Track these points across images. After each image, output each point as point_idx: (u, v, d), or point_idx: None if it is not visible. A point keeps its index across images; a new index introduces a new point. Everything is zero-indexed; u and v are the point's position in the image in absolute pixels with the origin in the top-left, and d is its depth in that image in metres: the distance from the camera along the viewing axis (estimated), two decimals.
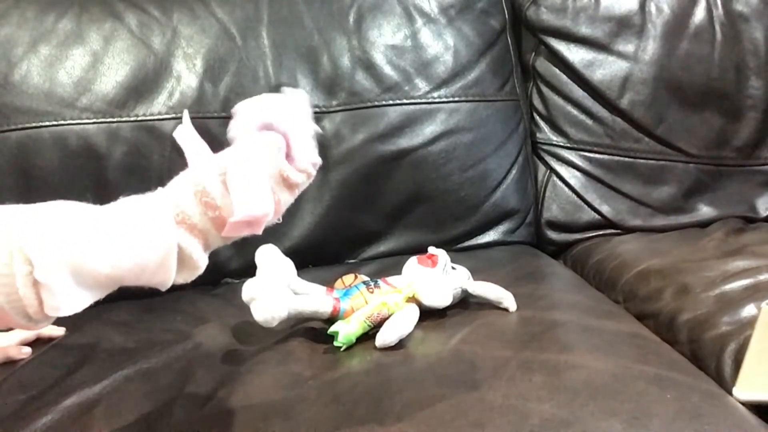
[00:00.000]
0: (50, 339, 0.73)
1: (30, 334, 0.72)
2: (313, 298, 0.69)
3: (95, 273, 0.40)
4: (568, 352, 0.63)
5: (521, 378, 0.58)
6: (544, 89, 1.12)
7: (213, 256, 0.47)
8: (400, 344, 0.66)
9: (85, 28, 0.93)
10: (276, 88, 0.51)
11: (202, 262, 0.45)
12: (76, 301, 0.40)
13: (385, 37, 1.01)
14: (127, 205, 0.44)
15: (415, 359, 0.64)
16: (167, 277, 0.43)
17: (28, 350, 0.70)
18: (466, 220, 1.04)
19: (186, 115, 0.49)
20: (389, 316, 0.67)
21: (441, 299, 0.72)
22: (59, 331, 0.74)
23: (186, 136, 0.48)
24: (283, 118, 0.48)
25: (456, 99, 1.02)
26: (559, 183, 1.11)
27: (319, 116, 0.98)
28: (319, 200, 0.98)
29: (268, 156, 0.46)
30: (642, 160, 1.09)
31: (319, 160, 0.50)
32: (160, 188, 0.46)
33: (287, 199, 0.48)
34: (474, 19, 1.05)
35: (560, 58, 1.09)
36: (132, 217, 0.42)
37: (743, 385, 0.60)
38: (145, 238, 0.41)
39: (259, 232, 0.46)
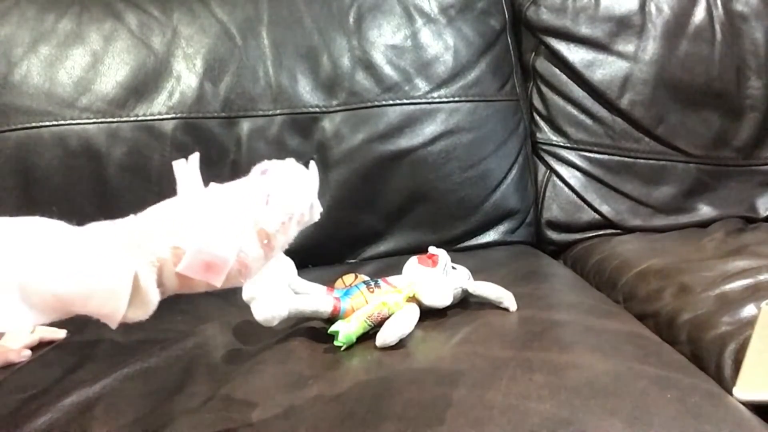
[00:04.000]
0: (51, 342, 0.73)
1: (33, 338, 0.72)
2: (313, 297, 0.69)
3: (42, 292, 0.38)
4: (569, 351, 0.63)
5: (521, 377, 0.58)
6: (544, 89, 1.12)
7: None
8: (401, 344, 0.66)
9: (85, 28, 0.93)
10: (306, 162, 0.50)
11: (154, 297, 0.41)
12: (18, 317, 0.38)
13: (385, 37, 1.01)
14: (91, 229, 0.42)
15: (416, 359, 0.64)
16: (117, 308, 0.39)
17: (27, 353, 0.70)
18: (466, 220, 1.04)
19: (195, 157, 0.46)
20: (389, 315, 0.67)
21: (441, 299, 0.72)
22: (60, 334, 0.74)
23: (184, 170, 0.45)
24: (279, 168, 0.46)
25: (456, 99, 1.02)
26: (559, 183, 1.11)
27: (319, 116, 0.98)
28: (319, 200, 0.98)
29: (248, 201, 0.44)
30: (642, 160, 1.09)
31: (306, 217, 0.47)
32: (132, 215, 0.44)
33: (258, 255, 0.44)
34: (474, 19, 1.05)
35: (560, 58, 1.09)
36: (90, 241, 0.41)
37: (743, 385, 0.59)
38: (96, 265, 0.39)
39: (218, 283, 0.42)
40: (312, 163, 0.50)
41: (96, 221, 0.44)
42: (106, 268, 0.39)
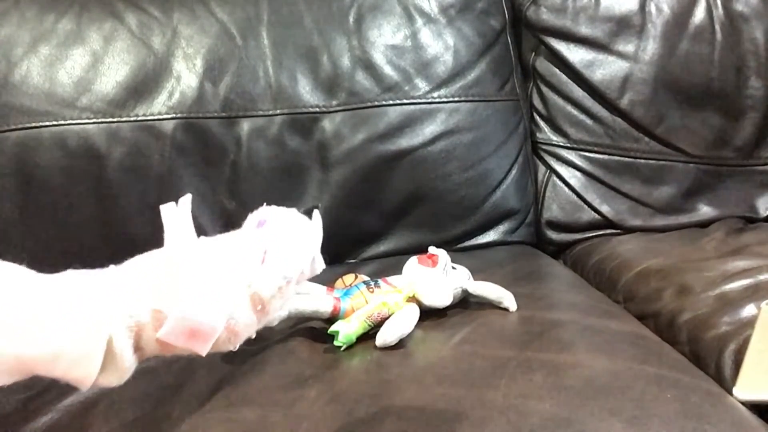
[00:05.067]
0: None
1: None
2: (313, 297, 0.69)
3: (0, 353, 0.34)
4: (569, 351, 0.63)
5: (521, 377, 0.58)
6: (544, 89, 1.12)
7: None
8: (401, 344, 0.66)
9: (85, 28, 0.93)
10: (308, 212, 0.45)
11: (129, 363, 0.37)
12: None
13: (385, 37, 1.01)
14: (64, 280, 0.37)
15: (416, 359, 0.64)
16: (87, 374, 0.35)
17: None
18: (466, 220, 1.04)
19: (186, 200, 0.41)
20: (389, 315, 0.67)
21: (441, 299, 0.72)
22: None
23: (173, 216, 0.40)
24: (278, 220, 0.41)
25: (456, 99, 1.02)
26: (559, 183, 1.11)
27: (319, 116, 0.98)
28: (319, 200, 0.98)
29: (241, 260, 0.39)
30: (642, 160, 1.09)
31: (307, 274, 0.42)
32: (112, 266, 0.39)
33: (250, 321, 0.39)
34: (474, 19, 1.05)
35: (560, 58, 1.09)
36: (60, 297, 0.36)
37: (743, 385, 0.59)
38: (66, 325, 0.35)
39: (203, 352, 0.38)
40: (316, 213, 0.45)
41: (93, 221, 0.41)
42: (77, 329, 0.35)
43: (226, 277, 0.38)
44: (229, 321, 0.38)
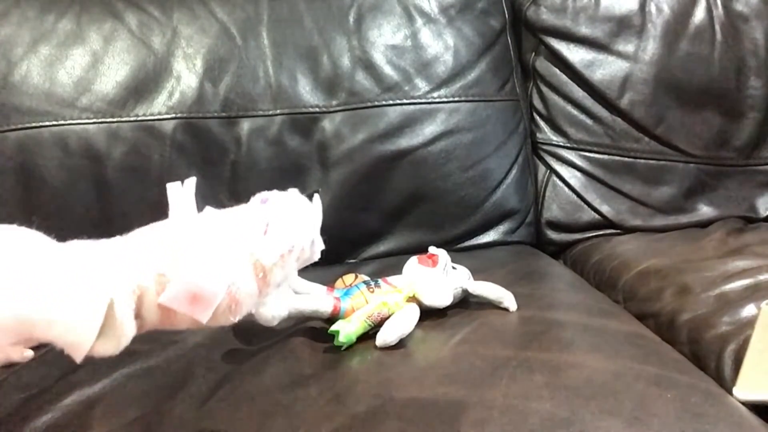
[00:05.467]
0: None
1: None
2: (313, 297, 0.69)
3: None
4: (569, 351, 0.63)
5: (521, 377, 0.58)
6: (544, 89, 1.12)
7: None
8: (401, 344, 0.66)
9: (85, 28, 0.93)
10: (309, 196, 0.48)
11: (129, 330, 0.37)
12: None
13: (385, 37, 1.01)
14: (71, 246, 0.38)
15: (416, 358, 0.64)
16: (83, 339, 0.35)
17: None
18: (466, 220, 1.04)
19: (191, 181, 0.43)
20: (389, 315, 0.67)
21: (441, 299, 0.72)
22: None
23: (178, 194, 0.42)
24: (281, 198, 0.43)
25: (456, 99, 1.02)
26: (559, 183, 1.11)
27: (319, 116, 0.98)
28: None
29: (245, 230, 0.40)
30: (642, 160, 1.09)
31: (307, 254, 0.43)
32: (118, 236, 0.40)
33: (252, 290, 0.40)
34: (474, 19, 1.06)
35: (560, 58, 1.09)
36: (64, 260, 0.36)
37: (743, 385, 0.59)
38: (66, 287, 0.35)
39: (204, 319, 0.38)
40: (316, 197, 0.47)
41: (93, 221, 0.42)
42: (78, 291, 0.35)
43: (228, 245, 0.39)
44: (230, 287, 0.38)
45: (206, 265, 0.38)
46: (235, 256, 0.39)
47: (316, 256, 0.47)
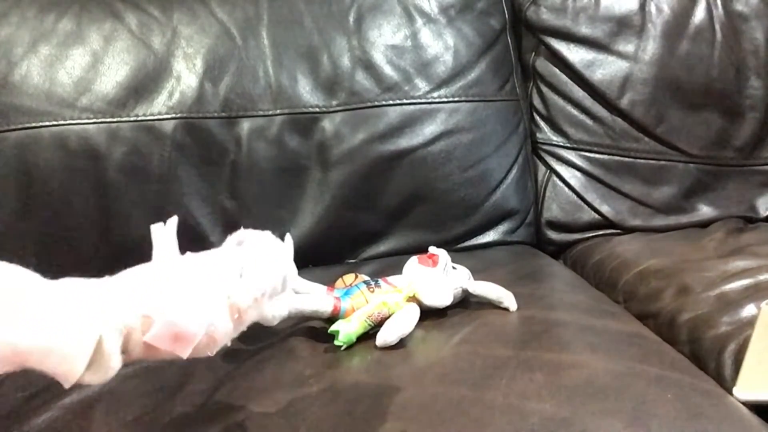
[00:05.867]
0: None
1: None
2: (313, 297, 0.69)
3: None
4: (569, 351, 0.63)
5: (522, 377, 0.58)
6: (544, 89, 1.12)
7: None
8: (401, 343, 0.66)
9: (85, 28, 0.93)
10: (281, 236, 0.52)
11: (115, 363, 0.40)
12: None
13: (385, 37, 1.01)
14: (62, 284, 0.41)
15: (416, 358, 0.64)
16: (74, 370, 0.38)
17: None
18: (466, 220, 1.04)
19: (172, 221, 0.45)
20: (390, 315, 0.67)
21: (441, 299, 0.72)
22: None
23: (161, 235, 0.45)
24: (254, 240, 0.46)
25: (456, 99, 1.02)
26: (559, 183, 1.11)
27: (319, 116, 0.98)
28: (319, 200, 0.98)
29: (222, 274, 0.44)
30: (642, 160, 1.10)
31: (279, 290, 0.47)
32: (107, 277, 0.43)
33: (227, 329, 0.44)
34: (474, 19, 1.06)
35: (560, 58, 1.09)
36: (58, 298, 0.39)
37: (743, 385, 0.60)
38: (62, 323, 0.38)
39: (184, 355, 0.41)
40: (288, 236, 0.51)
41: (93, 221, 0.43)
42: (71, 328, 0.38)
43: (208, 289, 0.43)
44: (209, 327, 0.42)
45: (187, 308, 0.41)
46: (214, 299, 0.43)
47: (289, 290, 0.51)
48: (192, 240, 0.81)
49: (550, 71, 1.11)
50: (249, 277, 0.45)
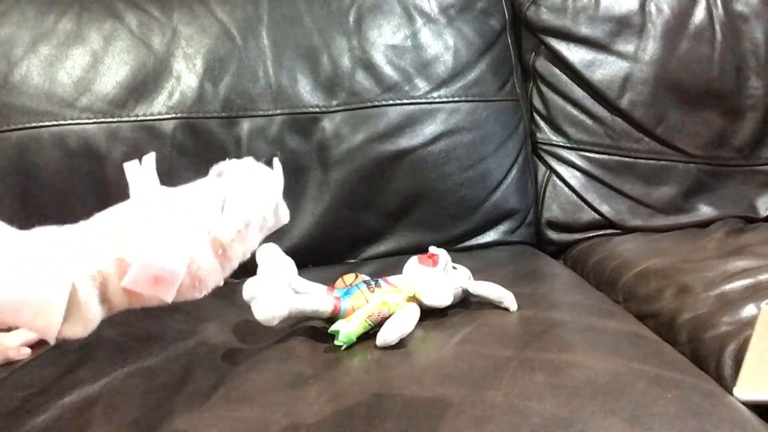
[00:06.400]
0: None
1: (32, 336, 0.71)
2: (313, 297, 0.69)
3: None
4: (569, 351, 0.63)
5: (522, 377, 0.58)
6: (544, 89, 1.12)
7: None
8: (401, 343, 0.66)
9: (85, 28, 0.93)
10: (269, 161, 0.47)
11: (94, 313, 0.38)
12: None
13: (385, 37, 1.01)
14: (33, 234, 0.39)
15: (416, 358, 0.64)
16: (51, 323, 0.36)
17: (27, 351, 0.70)
18: (466, 220, 1.04)
19: (150, 157, 0.43)
20: (390, 315, 0.67)
21: (441, 299, 0.72)
22: None
23: (137, 172, 0.43)
24: (236, 169, 0.43)
25: (456, 99, 1.02)
26: (559, 183, 1.11)
27: (319, 116, 0.98)
28: (319, 200, 0.98)
29: (201, 208, 0.41)
30: (642, 160, 1.09)
31: (270, 222, 0.43)
32: (82, 222, 0.41)
33: (213, 266, 0.41)
34: (474, 19, 1.06)
35: (560, 58, 1.09)
36: (26, 248, 0.37)
37: (743, 385, 0.59)
38: (29, 273, 0.36)
39: (168, 298, 0.39)
40: (276, 161, 0.46)
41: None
42: (40, 277, 0.36)
43: (185, 224, 0.39)
44: (190, 266, 0.39)
45: (164, 246, 0.38)
46: (192, 235, 0.40)
47: (284, 220, 0.46)
48: None
49: (550, 71, 1.11)
50: (231, 209, 0.41)
